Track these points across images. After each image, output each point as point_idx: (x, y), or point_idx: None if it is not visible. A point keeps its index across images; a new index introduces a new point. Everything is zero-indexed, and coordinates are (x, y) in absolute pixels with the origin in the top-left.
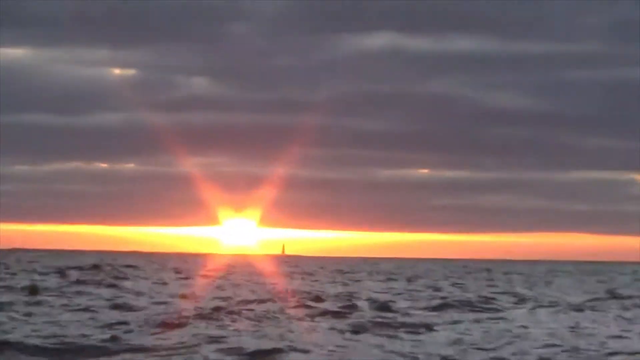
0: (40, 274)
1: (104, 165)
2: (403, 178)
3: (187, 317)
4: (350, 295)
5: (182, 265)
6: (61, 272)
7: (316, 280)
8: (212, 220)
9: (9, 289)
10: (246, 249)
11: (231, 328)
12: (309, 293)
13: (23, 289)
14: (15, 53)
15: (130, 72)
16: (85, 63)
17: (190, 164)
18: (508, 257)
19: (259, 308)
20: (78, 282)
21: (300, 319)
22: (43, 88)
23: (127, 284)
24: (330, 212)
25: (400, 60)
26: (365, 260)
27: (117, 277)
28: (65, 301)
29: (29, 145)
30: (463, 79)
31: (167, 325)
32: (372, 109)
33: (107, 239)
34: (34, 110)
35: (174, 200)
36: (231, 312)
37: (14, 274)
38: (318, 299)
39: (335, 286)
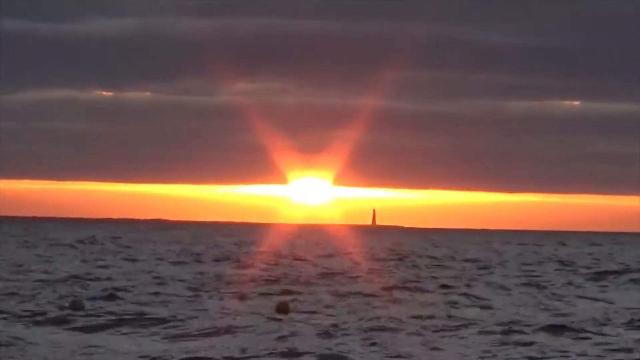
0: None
1: (108, 93)
2: (543, 113)
3: None
4: None
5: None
6: None
7: None
8: (273, 176)
9: None
10: (325, 217)
11: None
12: None
13: None
14: None
15: None
16: None
17: (233, 92)
18: None
19: None
20: None
21: None
22: None
23: None
24: (437, 164)
25: None
26: (497, 234)
27: None
28: None
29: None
30: None
31: None
32: (497, 15)
33: (117, 201)
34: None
35: (213, 145)
36: None
37: None
38: None
39: None
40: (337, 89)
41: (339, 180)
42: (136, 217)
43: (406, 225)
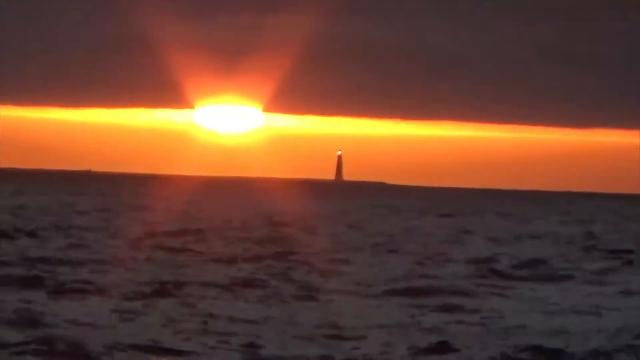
0: None
1: None
2: None
3: None
4: None
5: None
6: None
7: None
8: (168, 96)
9: None
10: (251, 167)
11: None
12: None
13: None
14: None
15: None
16: None
17: None
18: None
19: None
20: None
21: None
22: None
23: None
24: (447, 75)
25: None
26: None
27: None
28: None
29: None
30: None
31: None
32: None
33: None
34: None
35: (68, 41)
36: None
37: None
38: None
39: None
40: None
41: (275, 104)
42: None
43: (392, 181)
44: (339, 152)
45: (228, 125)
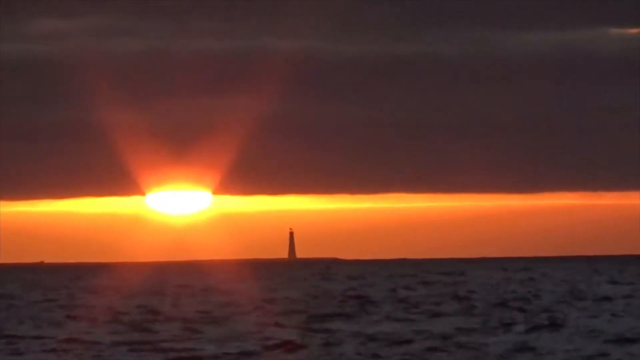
0: None
1: None
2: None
3: None
4: None
5: None
6: None
7: None
8: (123, 186)
9: None
10: (206, 250)
11: None
12: None
13: None
14: None
15: None
16: None
17: (36, 34)
18: None
19: None
20: None
21: None
22: None
23: None
24: (395, 147)
25: None
26: None
27: None
28: None
29: None
30: None
31: None
32: None
33: None
34: None
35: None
36: None
37: None
38: None
39: None
40: (217, 19)
41: (224, 186)
42: None
43: (345, 257)
44: (291, 230)
45: (178, 209)
